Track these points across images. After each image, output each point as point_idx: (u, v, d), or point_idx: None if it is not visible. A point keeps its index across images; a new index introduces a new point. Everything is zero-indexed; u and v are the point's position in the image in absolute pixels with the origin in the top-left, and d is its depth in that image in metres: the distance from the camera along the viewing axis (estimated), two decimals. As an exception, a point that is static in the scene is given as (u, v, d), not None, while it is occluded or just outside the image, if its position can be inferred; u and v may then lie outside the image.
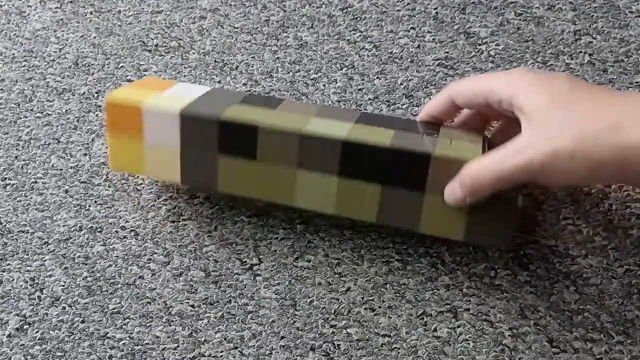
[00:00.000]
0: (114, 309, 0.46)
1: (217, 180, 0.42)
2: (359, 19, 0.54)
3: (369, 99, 0.50)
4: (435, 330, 0.43)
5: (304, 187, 0.41)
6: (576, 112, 0.33)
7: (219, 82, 0.53)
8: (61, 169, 0.52)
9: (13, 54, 0.57)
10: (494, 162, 0.35)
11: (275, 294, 0.45)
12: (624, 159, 0.31)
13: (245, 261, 0.47)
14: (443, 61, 0.51)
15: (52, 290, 0.48)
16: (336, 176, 0.40)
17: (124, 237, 0.49)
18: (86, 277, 0.48)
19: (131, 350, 0.45)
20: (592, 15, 0.51)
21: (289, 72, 0.52)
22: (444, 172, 0.38)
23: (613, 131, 0.31)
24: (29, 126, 0.54)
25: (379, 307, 0.44)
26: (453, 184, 0.37)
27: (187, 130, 0.41)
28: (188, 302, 0.46)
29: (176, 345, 0.45)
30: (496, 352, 0.42)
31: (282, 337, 0.44)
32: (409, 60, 0.51)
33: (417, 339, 0.43)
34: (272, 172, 0.41)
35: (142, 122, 0.42)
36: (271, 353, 0.44)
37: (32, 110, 0.54)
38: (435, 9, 0.53)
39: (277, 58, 0.53)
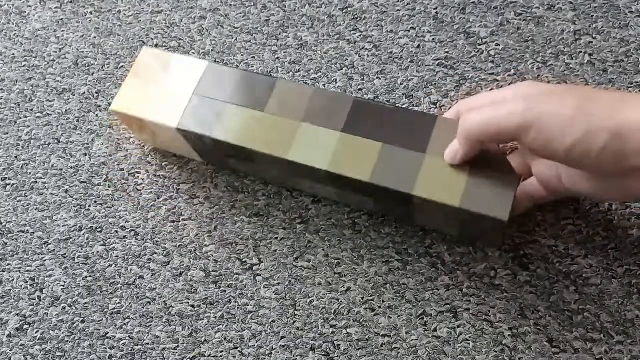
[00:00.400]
0: (114, 309, 0.46)
1: (214, 126, 0.43)
2: (359, 19, 0.54)
3: (369, 99, 0.50)
4: (435, 330, 0.43)
5: (303, 140, 0.41)
6: (578, 92, 0.34)
7: (219, 82, 0.53)
8: (61, 169, 0.52)
9: (13, 54, 0.57)
10: (492, 108, 0.36)
11: (275, 294, 0.45)
12: (621, 133, 0.32)
13: (245, 261, 0.47)
14: (443, 61, 0.51)
15: (52, 290, 0.48)
16: (339, 131, 0.41)
17: (124, 237, 0.49)
18: (86, 277, 0.48)
19: (131, 350, 0.45)
20: (592, 15, 0.51)
21: (289, 72, 0.52)
22: (448, 133, 0.39)
23: (615, 106, 0.32)
24: (29, 126, 0.54)
25: (379, 307, 0.44)
26: (453, 142, 0.39)
27: (207, 79, 0.44)
28: (188, 302, 0.46)
29: (176, 345, 0.45)
30: (496, 352, 0.42)
31: (282, 337, 0.44)
32: (409, 60, 0.51)
33: (417, 339, 0.43)
34: (275, 124, 0.42)
35: (169, 67, 0.45)
36: (271, 353, 0.44)
37: (32, 110, 0.54)
38: (435, 9, 0.53)
39: (277, 58, 0.53)
